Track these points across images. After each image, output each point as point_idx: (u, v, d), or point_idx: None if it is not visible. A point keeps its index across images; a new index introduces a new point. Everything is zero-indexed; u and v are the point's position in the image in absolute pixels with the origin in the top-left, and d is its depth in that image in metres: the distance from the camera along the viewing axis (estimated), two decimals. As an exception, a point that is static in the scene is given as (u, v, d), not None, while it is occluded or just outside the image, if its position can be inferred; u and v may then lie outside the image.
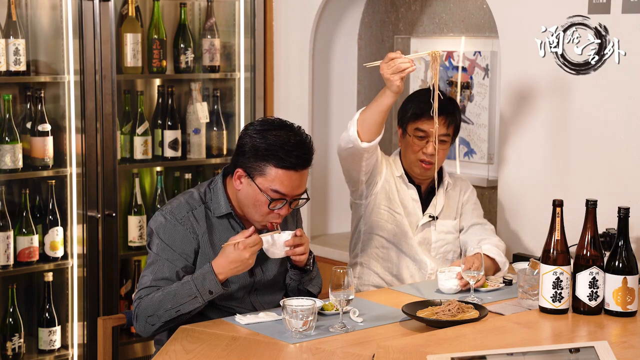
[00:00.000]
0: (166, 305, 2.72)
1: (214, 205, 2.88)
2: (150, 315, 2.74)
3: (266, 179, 2.77)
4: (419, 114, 3.33)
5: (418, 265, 3.42)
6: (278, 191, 2.78)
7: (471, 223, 3.49)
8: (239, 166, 2.82)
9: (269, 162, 2.76)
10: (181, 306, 2.72)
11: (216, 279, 2.73)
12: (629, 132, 3.31)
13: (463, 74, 4.23)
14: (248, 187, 2.81)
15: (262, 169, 2.77)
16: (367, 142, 3.20)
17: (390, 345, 2.51)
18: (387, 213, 3.41)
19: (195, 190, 2.92)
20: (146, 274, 2.81)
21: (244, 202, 2.84)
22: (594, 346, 2.38)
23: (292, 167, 2.76)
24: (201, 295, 2.72)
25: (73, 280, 3.98)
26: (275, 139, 2.77)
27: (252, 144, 2.78)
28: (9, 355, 3.88)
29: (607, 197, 3.31)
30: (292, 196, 2.81)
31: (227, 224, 2.90)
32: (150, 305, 2.74)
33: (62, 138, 3.96)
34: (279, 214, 2.81)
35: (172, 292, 2.73)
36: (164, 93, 4.29)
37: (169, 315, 2.73)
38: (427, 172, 3.40)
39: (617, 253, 2.78)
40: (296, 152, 2.77)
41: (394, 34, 4.60)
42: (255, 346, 2.55)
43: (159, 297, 2.73)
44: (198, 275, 2.74)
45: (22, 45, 3.83)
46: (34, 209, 3.96)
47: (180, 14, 4.31)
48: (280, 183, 2.77)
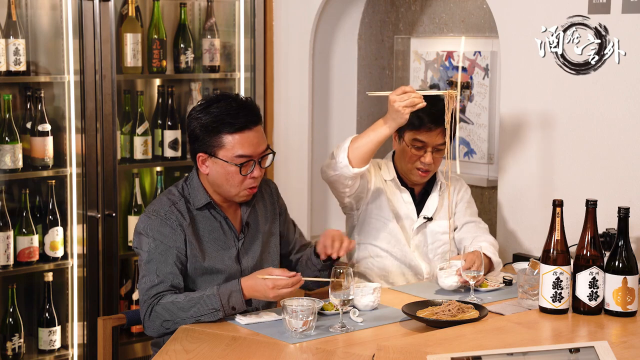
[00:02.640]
0: (186, 314, 2.75)
1: (193, 199, 2.94)
2: (167, 320, 2.77)
3: (226, 149, 2.84)
4: (417, 125, 3.27)
5: (414, 272, 3.40)
6: (242, 155, 2.85)
7: (465, 221, 3.47)
8: (198, 152, 2.90)
9: (221, 132, 2.84)
10: (202, 316, 2.76)
11: (242, 299, 2.77)
12: (629, 132, 3.31)
13: (463, 74, 4.23)
14: (214, 165, 2.88)
15: (218, 142, 2.85)
16: (359, 168, 3.16)
17: (390, 345, 2.51)
18: (379, 222, 3.39)
19: (174, 188, 2.98)
20: (148, 273, 2.82)
21: (217, 182, 2.90)
22: (594, 346, 2.38)
23: (244, 126, 2.85)
24: (224, 310, 2.76)
25: (73, 280, 3.98)
26: (218, 110, 2.86)
27: (200, 124, 2.87)
28: (9, 355, 3.88)
29: (607, 197, 3.31)
30: (257, 155, 2.87)
31: (209, 214, 2.94)
32: (169, 310, 2.76)
33: (62, 138, 3.96)
34: (253, 177, 2.88)
35: (194, 301, 2.76)
36: (164, 93, 4.29)
37: (187, 322, 2.76)
38: (423, 179, 3.40)
39: (617, 253, 2.78)
40: (242, 112, 2.86)
41: (394, 34, 4.60)
42: (255, 346, 2.55)
43: (180, 304, 2.76)
44: (225, 291, 2.76)
45: (22, 45, 3.83)
46: (34, 209, 3.96)
47: (180, 14, 4.31)
48: (240, 146, 2.84)
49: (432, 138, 3.29)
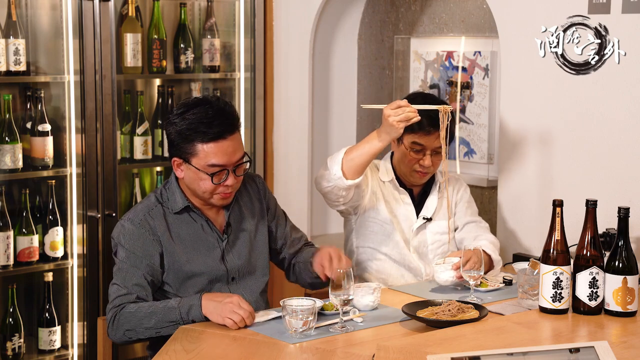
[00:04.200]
0: (147, 324, 2.75)
1: (171, 203, 2.93)
2: (129, 329, 2.77)
3: (199, 157, 2.83)
4: (416, 128, 3.26)
5: (413, 273, 3.40)
6: (215, 164, 2.82)
7: (466, 221, 3.47)
8: (174, 156, 2.89)
9: (194, 141, 2.82)
10: (162, 329, 2.75)
11: (201, 313, 2.74)
12: (629, 132, 3.31)
13: (463, 74, 4.23)
14: (188, 171, 2.87)
15: (192, 149, 2.83)
16: (352, 180, 3.15)
17: (390, 345, 2.51)
18: (377, 225, 3.38)
19: (153, 194, 2.98)
20: (116, 282, 2.84)
21: (191, 186, 2.89)
22: (594, 346, 2.38)
23: (217, 136, 2.81)
24: (184, 322, 2.75)
25: (73, 280, 3.98)
26: (194, 117, 2.82)
27: (176, 130, 2.85)
28: (9, 355, 3.87)
29: (607, 197, 3.31)
30: (231, 164, 2.85)
31: (188, 217, 2.93)
32: (131, 320, 2.76)
33: (62, 138, 3.96)
34: (226, 185, 2.85)
35: (154, 313, 2.75)
36: (164, 93, 4.29)
37: (148, 334, 2.77)
38: (422, 180, 3.40)
39: (617, 253, 2.78)
40: (217, 121, 2.81)
41: (394, 34, 4.61)
42: (255, 346, 2.55)
43: (141, 314, 2.76)
44: (184, 304, 2.75)
45: (22, 45, 3.83)
46: (34, 209, 3.96)
47: (180, 14, 4.31)
48: (213, 156, 2.82)
49: (431, 141, 3.28)
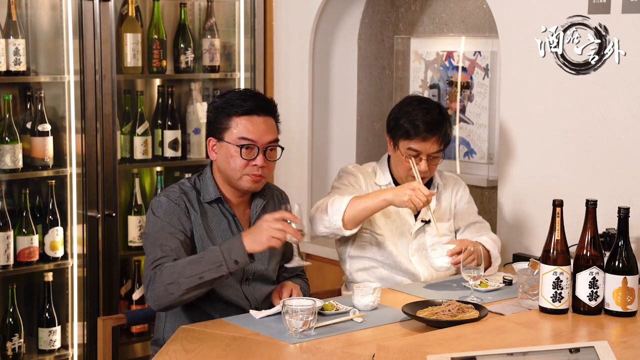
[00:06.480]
0: (189, 272, 2.68)
1: (204, 192, 2.94)
2: (170, 283, 2.68)
3: (232, 131, 2.88)
4: (412, 134, 3.25)
5: (411, 278, 3.38)
6: (245, 137, 2.86)
7: (468, 222, 3.46)
8: (209, 136, 2.95)
9: (230, 115, 2.88)
10: (205, 272, 2.68)
11: (244, 249, 2.69)
12: (629, 132, 3.31)
13: (463, 74, 4.23)
14: (221, 149, 2.91)
15: (226, 124, 2.89)
16: (351, 230, 3.22)
17: (390, 345, 2.51)
18: (370, 236, 3.37)
19: (186, 180, 3.00)
20: (153, 249, 2.78)
21: (222, 167, 2.91)
22: (594, 346, 2.38)
23: (251, 111, 2.87)
24: (226, 263, 2.68)
25: (73, 280, 3.98)
26: (233, 95, 2.94)
27: (214, 107, 2.93)
28: (9, 355, 3.88)
29: (607, 197, 3.31)
30: (262, 144, 2.88)
31: (218, 209, 2.94)
32: (171, 272, 2.69)
33: (62, 138, 3.96)
34: (255, 164, 2.86)
35: (196, 259, 2.71)
36: (164, 93, 4.29)
37: (190, 282, 2.67)
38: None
39: (617, 253, 2.78)
40: (252, 99, 2.91)
41: (394, 34, 4.60)
42: (255, 346, 2.55)
43: (181, 264, 2.70)
44: (225, 244, 2.73)
45: (22, 45, 3.83)
46: (34, 209, 3.96)
47: (180, 14, 4.31)
48: (244, 128, 2.86)
49: (426, 147, 3.27)
